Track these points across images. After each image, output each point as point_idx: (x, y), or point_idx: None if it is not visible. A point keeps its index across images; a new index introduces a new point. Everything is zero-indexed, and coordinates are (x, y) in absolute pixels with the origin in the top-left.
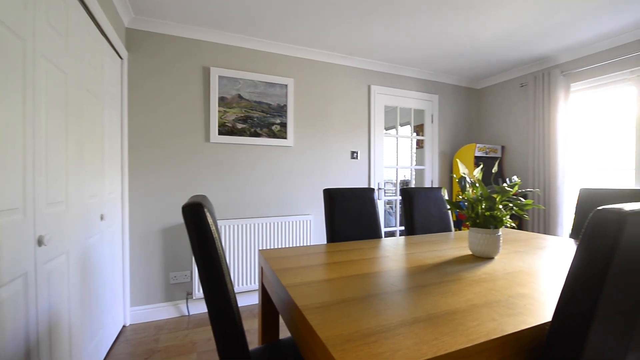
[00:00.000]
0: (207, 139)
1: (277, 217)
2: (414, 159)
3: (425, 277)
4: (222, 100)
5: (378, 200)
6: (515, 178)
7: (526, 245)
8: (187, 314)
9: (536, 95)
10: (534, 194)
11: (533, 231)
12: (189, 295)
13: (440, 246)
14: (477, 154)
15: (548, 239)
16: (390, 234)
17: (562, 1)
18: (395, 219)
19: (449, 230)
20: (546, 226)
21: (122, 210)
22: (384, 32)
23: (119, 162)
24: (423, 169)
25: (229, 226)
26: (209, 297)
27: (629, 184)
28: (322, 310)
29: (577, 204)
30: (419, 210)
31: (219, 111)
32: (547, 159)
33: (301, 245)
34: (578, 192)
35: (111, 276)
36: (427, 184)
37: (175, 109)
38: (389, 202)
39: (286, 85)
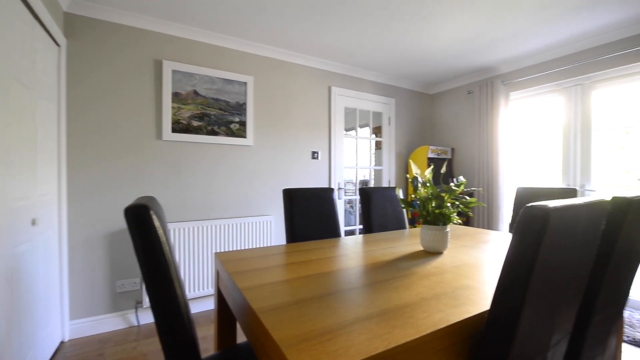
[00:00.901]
0: (159, 136)
1: (237, 218)
2: (373, 159)
3: (380, 274)
4: (176, 95)
5: (338, 200)
6: (461, 178)
7: (472, 239)
8: (136, 324)
9: (481, 102)
10: (478, 193)
11: (478, 227)
12: (138, 304)
13: (395, 243)
14: (430, 155)
15: (491, 233)
16: (351, 233)
17: (499, 18)
18: (355, 218)
19: (404, 227)
20: (489, 222)
21: (59, 214)
22: (342, 35)
23: (56, 160)
24: (381, 169)
25: (184, 229)
26: (155, 306)
27: (558, 182)
28: (278, 312)
29: (514, 201)
30: (376, 209)
31: (173, 107)
32: (489, 160)
33: (262, 246)
34: (515, 191)
35: (46, 288)
36: (385, 184)
37: (122, 103)
38: (349, 202)
39: (245, 83)
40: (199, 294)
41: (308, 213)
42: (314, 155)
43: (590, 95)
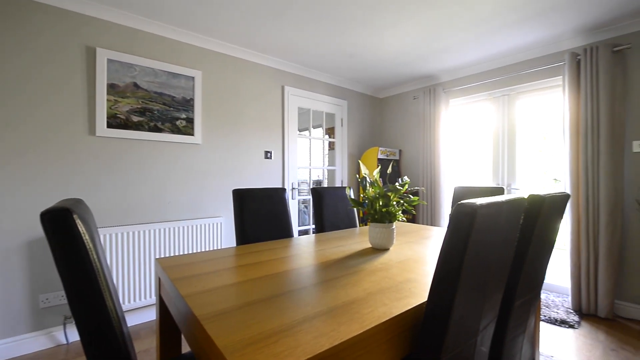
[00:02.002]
0: (92, 132)
1: (184, 220)
2: (327, 160)
3: (329, 272)
4: (112, 87)
5: (292, 200)
6: (406, 178)
7: (416, 236)
8: (65, 342)
9: (425, 107)
10: (421, 191)
11: (423, 223)
12: (67, 319)
13: (346, 241)
14: (380, 156)
15: (433, 229)
16: (305, 232)
17: (440, 31)
18: (309, 218)
19: (355, 226)
20: (432, 218)
21: None
22: (295, 35)
23: None
24: (335, 170)
25: (123, 234)
26: (81, 323)
27: (489, 182)
28: (223, 317)
29: (452, 199)
30: (328, 209)
31: (109, 100)
32: (432, 161)
33: (210, 249)
34: (453, 189)
35: None
36: (338, 184)
37: (46, 94)
38: (303, 202)
39: (193, 78)
40: (141, 303)
41: (259, 214)
42: (267, 155)
43: (515, 104)
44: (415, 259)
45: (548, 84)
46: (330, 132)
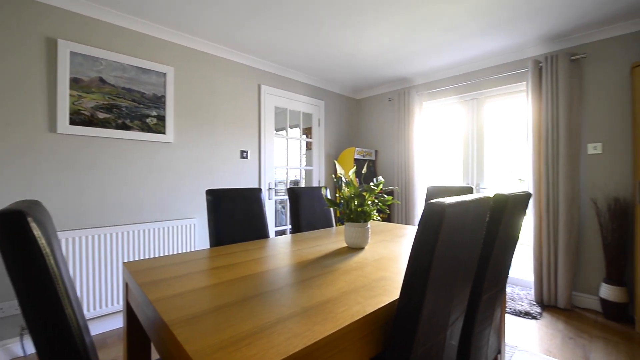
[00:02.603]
0: (53, 129)
1: (155, 222)
2: (304, 159)
3: (305, 272)
4: (76, 82)
5: (269, 200)
6: (380, 178)
7: (390, 234)
8: (22, 354)
9: (400, 109)
10: (396, 191)
11: (398, 222)
12: (24, 330)
13: (322, 241)
14: (357, 156)
15: (407, 228)
16: (282, 233)
17: (414, 35)
18: (287, 218)
19: (331, 225)
20: (407, 217)
21: None
22: (272, 34)
23: None
24: (312, 170)
25: (88, 237)
26: (36, 332)
27: (460, 181)
28: (194, 322)
29: (425, 199)
30: (305, 209)
31: (72, 95)
32: (407, 162)
33: (182, 252)
34: (426, 189)
35: None
36: (316, 184)
37: (2, 88)
38: (281, 202)
39: (164, 74)
40: (108, 310)
41: (234, 215)
42: (243, 154)
43: (483, 108)
44: (390, 257)
45: (513, 89)
46: (307, 132)
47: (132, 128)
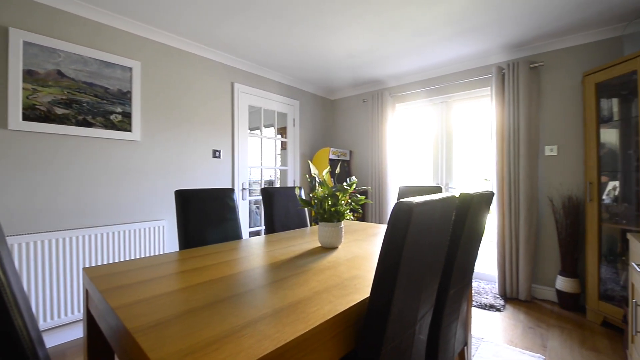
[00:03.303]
0: (3, 124)
1: (119, 225)
2: (279, 159)
3: (277, 273)
4: (30, 74)
5: (242, 201)
6: (353, 178)
7: (363, 233)
8: None
9: (373, 111)
10: (369, 191)
11: (372, 222)
12: None
13: (296, 241)
14: (331, 156)
15: (380, 227)
16: (257, 234)
17: (386, 38)
18: (261, 219)
19: (305, 225)
20: (380, 217)
21: None
22: (247, 32)
23: None
24: (287, 170)
25: (44, 242)
26: None
27: (430, 181)
28: (159, 328)
29: (397, 198)
30: (279, 209)
31: (26, 89)
32: (380, 162)
33: (149, 255)
34: (398, 189)
35: None
36: (291, 184)
37: None
38: (255, 202)
39: (131, 69)
40: (67, 319)
41: (205, 216)
42: (216, 154)
43: (452, 111)
44: (362, 256)
45: (479, 94)
46: (282, 131)
47: (94, 125)
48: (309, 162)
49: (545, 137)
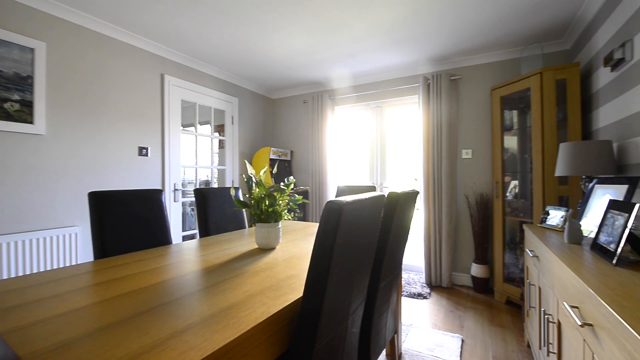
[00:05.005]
0: None
1: (22, 233)
2: (216, 159)
3: (209, 278)
4: None
5: (174, 203)
6: (291, 178)
7: (302, 233)
8: None
9: (314, 112)
10: (308, 191)
11: (313, 221)
12: None
13: (232, 244)
14: (272, 156)
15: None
16: (192, 238)
17: (326, 42)
18: (197, 221)
19: (243, 227)
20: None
21: None
22: (181, 20)
23: None
24: (225, 169)
25: None
26: None
27: (366, 181)
28: (62, 351)
29: (336, 197)
30: (214, 211)
31: None
32: (320, 163)
33: (57, 268)
34: (337, 188)
35: None
36: (229, 184)
37: None
38: (190, 204)
39: (33, 50)
40: None
41: (126, 220)
42: (143, 151)
43: (386, 116)
44: (299, 256)
45: (409, 101)
46: (219, 129)
47: None
48: (246, 161)
49: (462, 141)
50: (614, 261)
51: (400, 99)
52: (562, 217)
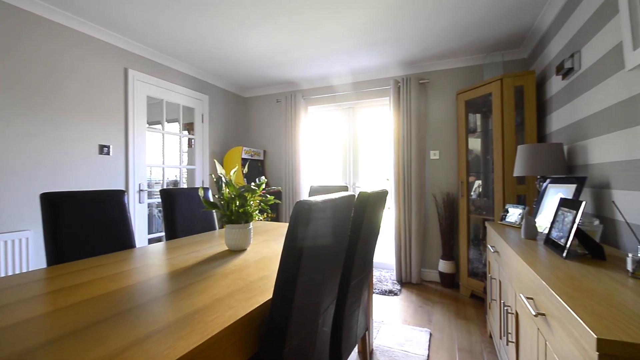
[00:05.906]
0: None
1: None
2: (185, 158)
3: (176, 282)
4: None
5: (139, 204)
6: (263, 178)
7: (274, 234)
8: None
9: (287, 111)
10: (280, 191)
11: (285, 222)
12: None
13: (201, 246)
14: (244, 156)
15: None
16: (158, 240)
17: (296, 41)
18: (163, 223)
19: (213, 228)
20: None
21: None
22: (146, 11)
23: None
24: (194, 169)
25: None
26: None
27: (339, 181)
28: None
29: (309, 197)
30: (182, 212)
31: None
32: (294, 162)
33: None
34: (310, 188)
35: None
36: (199, 184)
37: None
38: (157, 206)
39: None
40: None
41: (83, 223)
42: (104, 150)
43: (358, 117)
44: (271, 257)
45: (380, 102)
46: (189, 127)
47: None
48: (215, 161)
49: (430, 143)
50: (564, 254)
51: (372, 100)
52: (519, 215)
